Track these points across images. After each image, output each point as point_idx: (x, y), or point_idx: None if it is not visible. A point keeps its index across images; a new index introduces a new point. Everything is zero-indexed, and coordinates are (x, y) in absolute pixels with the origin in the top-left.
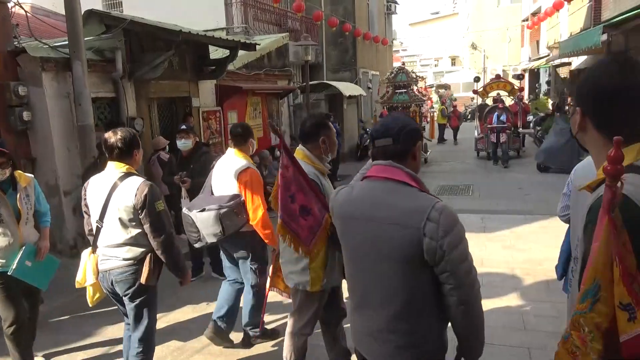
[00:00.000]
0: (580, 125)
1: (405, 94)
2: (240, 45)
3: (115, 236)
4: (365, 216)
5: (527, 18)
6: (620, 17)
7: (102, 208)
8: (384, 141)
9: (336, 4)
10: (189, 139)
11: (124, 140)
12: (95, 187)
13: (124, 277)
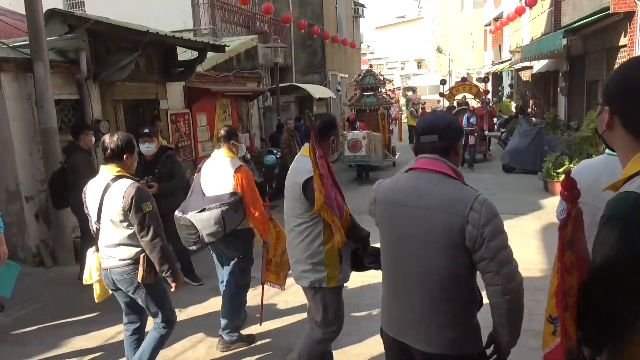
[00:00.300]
0: (608, 124)
1: (373, 97)
2: (209, 47)
3: (110, 237)
4: (413, 204)
5: (489, 23)
6: (579, 22)
7: (98, 209)
8: (430, 137)
9: (304, 6)
10: (152, 143)
11: (116, 144)
12: (92, 189)
13: (123, 277)
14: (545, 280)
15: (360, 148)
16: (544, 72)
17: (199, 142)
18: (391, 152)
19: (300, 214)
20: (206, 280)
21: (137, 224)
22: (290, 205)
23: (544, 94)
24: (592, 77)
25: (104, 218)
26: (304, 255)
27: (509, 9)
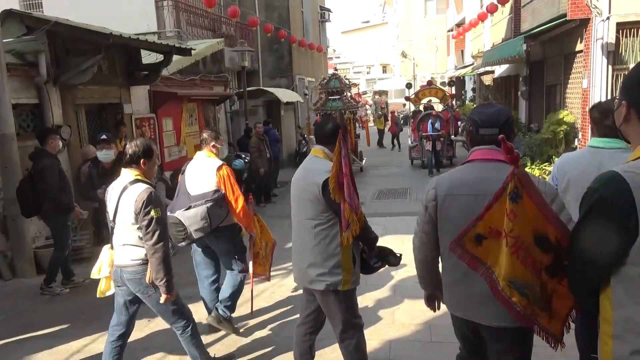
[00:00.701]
0: (625, 117)
1: (339, 101)
2: (175, 50)
3: (123, 237)
4: (483, 192)
5: (452, 28)
6: (538, 28)
7: (114, 210)
8: (490, 130)
9: (271, 10)
10: (110, 150)
11: (134, 150)
12: (112, 190)
13: (133, 277)
14: None
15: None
16: (505, 76)
17: (165, 147)
18: (358, 157)
19: (317, 215)
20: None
21: (144, 226)
22: (304, 207)
23: (505, 97)
24: (551, 82)
25: (119, 218)
26: (320, 259)
27: (471, 15)
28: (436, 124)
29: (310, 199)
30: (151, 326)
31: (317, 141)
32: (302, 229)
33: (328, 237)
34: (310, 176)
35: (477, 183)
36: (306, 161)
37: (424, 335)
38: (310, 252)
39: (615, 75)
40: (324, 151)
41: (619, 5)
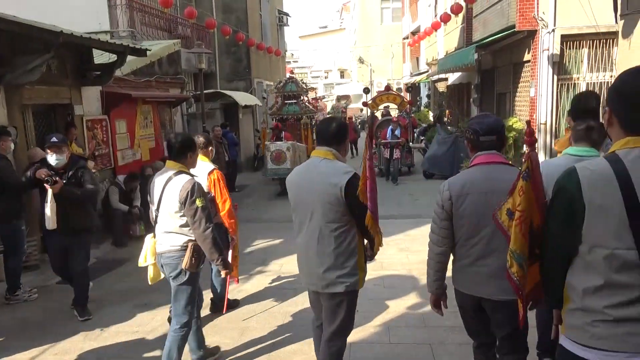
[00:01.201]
0: (608, 121)
1: (295, 105)
2: (129, 50)
3: (165, 225)
4: (490, 189)
5: (407, 36)
6: (488, 38)
7: (158, 199)
8: (490, 137)
9: (228, 12)
10: (62, 154)
11: (181, 143)
12: (157, 181)
13: (169, 261)
14: None
15: (284, 160)
16: (458, 84)
17: (119, 150)
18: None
19: (339, 218)
20: (132, 297)
21: (190, 216)
22: (324, 211)
23: (459, 104)
24: (500, 90)
25: (163, 207)
26: (340, 261)
27: (426, 23)
28: (396, 131)
29: (330, 202)
30: (104, 336)
31: (321, 142)
32: (320, 234)
33: (347, 239)
34: (329, 179)
35: (485, 182)
36: (316, 164)
37: (383, 337)
38: (329, 256)
39: (560, 85)
40: (332, 152)
41: (564, 18)
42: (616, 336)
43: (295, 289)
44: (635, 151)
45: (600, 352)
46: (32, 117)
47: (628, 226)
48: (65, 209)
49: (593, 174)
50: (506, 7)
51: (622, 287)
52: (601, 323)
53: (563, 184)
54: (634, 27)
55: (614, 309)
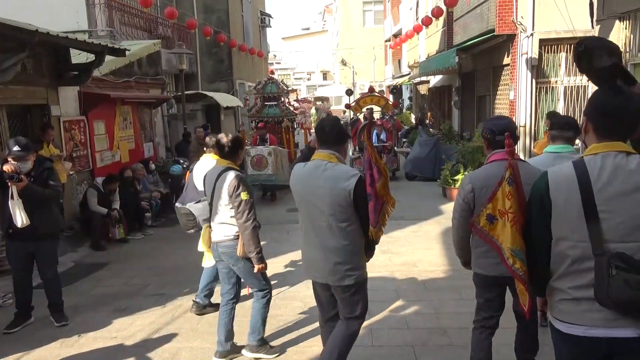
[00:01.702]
0: (585, 129)
1: (276, 107)
2: (108, 50)
3: (219, 216)
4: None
5: (389, 39)
6: (469, 42)
7: (212, 193)
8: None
9: (209, 13)
10: (26, 162)
11: (232, 143)
12: (208, 176)
13: (226, 250)
14: (448, 281)
15: (265, 166)
16: (439, 86)
17: (97, 151)
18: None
19: (349, 217)
20: (111, 302)
21: (235, 207)
22: (335, 212)
23: (440, 106)
24: (481, 92)
25: (215, 201)
26: (350, 256)
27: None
28: (382, 135)
29: (340, 204)
30: (82, 342)
31: (322, 144)
32: (332, 231)
33: (357, 235)
34: (338, 183)
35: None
36: (322, 168)
37: (365, 340)
38: (340, 251)
39: (538, 88)
40: (335, 155)
41: (542, 22)
42: (576, 312)
43: (283, 293)
44: (599, 156)
45: (565, 324)
46: (6, 117)
47: (585, 222)
48: (32, 213)
49: (558, 176)
50: (486, 11)
51: (580, 273)
52: (565, 301)
53: (536, 184)
54: (610, 31)
55: (574, 290)
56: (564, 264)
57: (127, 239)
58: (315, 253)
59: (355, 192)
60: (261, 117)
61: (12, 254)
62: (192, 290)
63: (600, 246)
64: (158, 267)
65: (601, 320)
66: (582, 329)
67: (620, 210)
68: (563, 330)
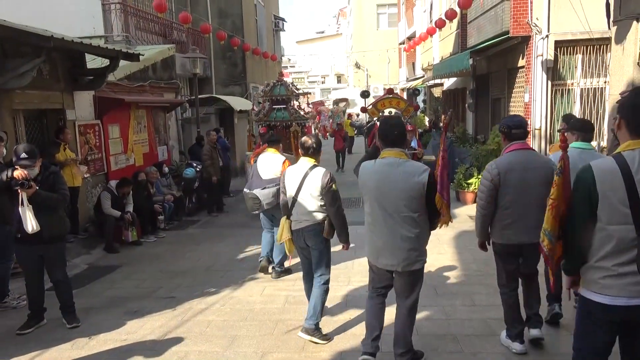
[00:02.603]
0: (618, 126)
1: (284, 111)
2: (122, 55)
3: (308, 205)
4: (530, 166)
5: (403, 41)
6: (483, 44)
7: (297, 188)
8: (519, 130)
9: (224, 17)
10: (33, 168)
11: (317, 144)
12: (292, 174)
13: (313, 233)
14: (460, 286)
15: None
16: (453, 89)
17: (111, 155)
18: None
19: (421, 207)
20: (122, 304)
21: (328, 197)
22: (409, 203)
23: (454, 109)
24: (495, 95)
25: (303, 193)
26: (420, 243)
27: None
28: (412, 142)
29: (414, 196)
30: (92, 344)
31: (388, 144)
32: (404, 221)
33: (426, 225)
34: (414, 177)
35: (522, 162)
36: (396, 164)
37: None
38: (412, 239)
39: (554, 90)
40: (405, 152)
41: (557, 24)
42: (619, 286)
43: (292, 297)
44: (636, 151)
45: (608, 297)
46: (23, 121)
47: (629, 208)
48: (39, 217)
49: (603, 170)
50: (500, 13)
51: (624, 251)
52: (609, 277)
53: (582, 177)
54: (627, 32)
55: (619, 266)
56: (609, 244)
57: (140, 241)
58: (387, 242)
59: (428, 184)
60: (269, 121)
61: (22, 257)
62: (203, 294)
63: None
64: (169, 270)
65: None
66: (625, 299)
67: None
68: (607, 302)
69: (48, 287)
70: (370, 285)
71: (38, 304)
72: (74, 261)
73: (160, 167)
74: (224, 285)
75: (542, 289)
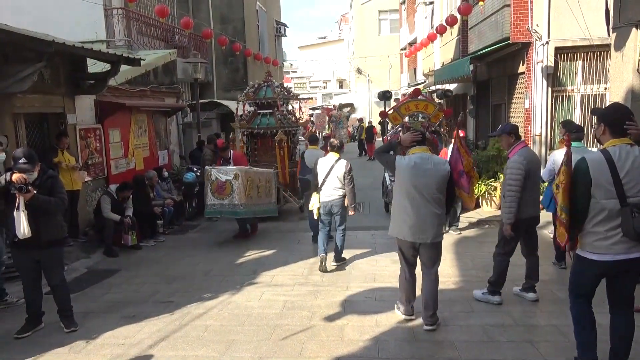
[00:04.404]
0: (602, 131)
1: (270, 117)
2: (123, 60)
3: (334, 185)
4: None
5: (405, 47)
6: (483, 50)
7: (327, 173)
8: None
9: (226, 23)
10: (32, 172)
11: (340, 143)
12: (323, 164)
13: (337, 202)
14: (459, 292)
15: (229, 193)
16: (454, 95)
17: (112, 159)
18: (298, 193)
19: (444, 190)
20: (120, 308)
21: (348, 179)
22: (438, 186)
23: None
24: (496, 101)
25: (331, 176)
26: (443, 220)
27: (423, 35)
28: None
29: (442, 181)
30: (89, 348)
31: (419, 143)
32: (435, 202)
33: (444, 205)
34: (442, 166)
35: (535, 155)
36: (428, 157)
37: (371, 351)
38: (440, 216)
39: (554, 97)
40: (430, 149)
41: (558, 30)
42: (607, 245)
43: (290, 303)
44: (616, 147)
45: (598, 254)
46: (24, 125)
47: (614, 186)
48: (36, 221)
49: (594, 160)
50: (500, 19)
51: (612, 218)
52: (600, 239)
53: (579, 166)
54: (626, 39)
55: (608, 231)
56: (602, 214)
57: (140, 245)
58: (421, 219)
59: (449, 173)
60: (251, 129)
61: (19, 262)
62: (201, 299)
63: (625, 201)
64: (168, 274)
65: (623, 249)
66: (611, 256)
67: (633, 178)
68: (596, 259)
69: (46, 291)
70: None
71: (36, 308)
72: (73, 265)
73: (160, 171)
74: (223, 290)
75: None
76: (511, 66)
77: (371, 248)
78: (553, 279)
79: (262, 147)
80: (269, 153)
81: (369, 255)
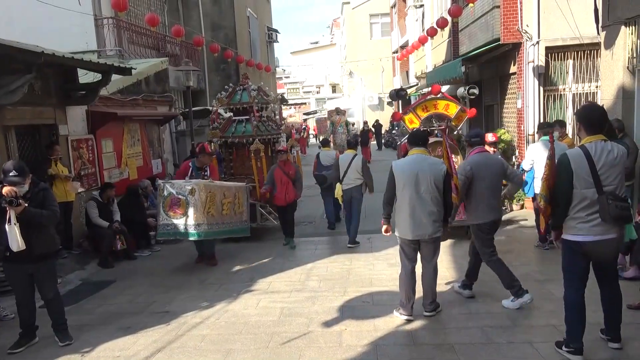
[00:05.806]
0: (579, 129)
1: (247, 124)
2: (114, 69)
3: (353, 175)
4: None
5: (397, 50)
6: (475, 51)
7: (347, 166)
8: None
9: (217, 30)
10: (22, 185)
11: (355, 140)
12: (344, 158)
13: (356, 190)
14: (456, 295)
15: (184, 211)
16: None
17: (105, 169)
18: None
19: (440, 189)
20: (115, 320)
21: (365, 171)
22: (434, 185)
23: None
24: (488, 102)
25: (350, 170)
26: (440, 217)
27: (414, 38)
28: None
29: (438, 181)
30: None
31: (417, 145)
32: (432, 200)
33: (441, 203)
34: (438, 166)
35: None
36: (424, 158)
37: (370, 357)
38: (437, 214)
39: (546, 96)
40: (427, 151)
41: (548, 30)
42: (587, 228)
43: (287, 309)
44: (592, 143)
45: (581, 236)
46: (15, 137)
47: (592, 177)
48: (28, 235)
49: (574, 155)
50: (491, 20)
51: (591, 205)
52: (581, 223)
53: (561, 159)
54: (616, 37)
55: (588, 215)
56: (584, 202)
57: (135, 255)
58: (421, 217)
59: (445, 174)
60: (225, 137)
61: (11, 276)
62: (197, 308)
63: (601, 190)
64: (164, 284)
65: (601, 231)
66: (591, 237)
67: (607, 170)
68: (579, 240)
69: (40, 304)
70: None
71: (29, 322)
72: (67, 277)
73: (154, 180)
74: (219, 299)
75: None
76: (502, 67)
77: (368, 252)
78: (552, 279)
79: (239, 158)
80: (245, 165)
81: (366, 259)
